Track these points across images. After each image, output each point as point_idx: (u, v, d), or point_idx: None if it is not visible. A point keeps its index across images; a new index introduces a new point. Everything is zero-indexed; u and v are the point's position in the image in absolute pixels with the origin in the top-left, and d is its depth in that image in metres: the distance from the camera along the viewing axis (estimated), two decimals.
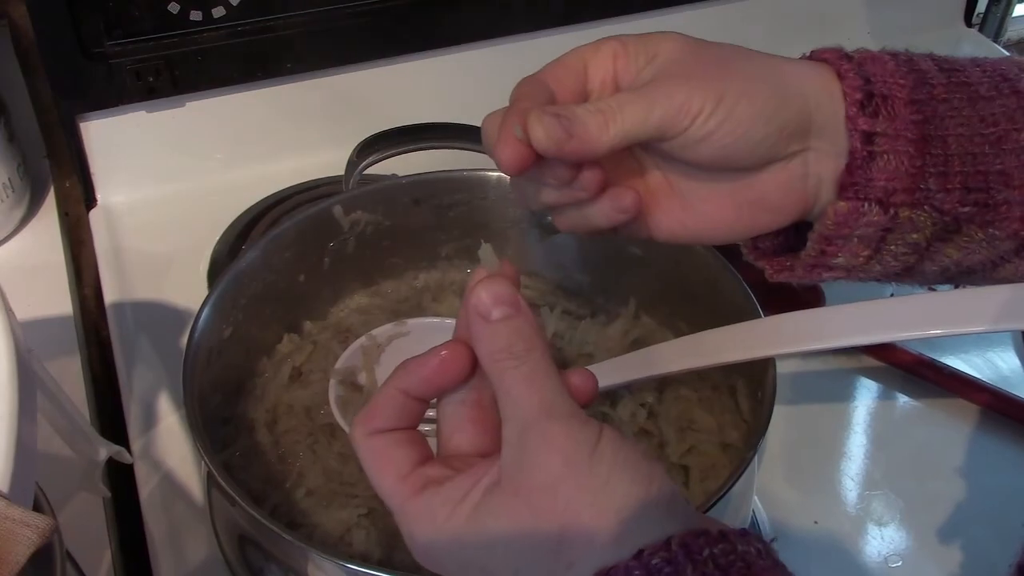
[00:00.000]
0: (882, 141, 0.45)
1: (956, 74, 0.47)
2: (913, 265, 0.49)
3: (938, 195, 0.46)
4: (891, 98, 0.45)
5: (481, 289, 0.38)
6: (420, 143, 0.69)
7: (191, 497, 0.66)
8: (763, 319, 0.56)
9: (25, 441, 0.38)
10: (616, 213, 0.47)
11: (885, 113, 0.45)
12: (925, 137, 0.45)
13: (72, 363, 0.75)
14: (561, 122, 0.43)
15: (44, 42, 0.78)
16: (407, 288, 0.70)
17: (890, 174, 0.45)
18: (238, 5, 0.80)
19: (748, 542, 0.35)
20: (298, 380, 0.64)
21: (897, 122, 0.45)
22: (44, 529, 0.35)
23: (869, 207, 0.46)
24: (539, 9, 0.91)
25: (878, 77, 0.46)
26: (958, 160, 0.46)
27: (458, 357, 0.40)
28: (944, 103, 0.46)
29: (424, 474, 0.39)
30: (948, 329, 0.48)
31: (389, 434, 0.40)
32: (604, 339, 0.66)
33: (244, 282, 0.62)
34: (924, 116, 0.46)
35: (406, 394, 0.40)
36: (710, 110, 0.44)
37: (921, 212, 0.46)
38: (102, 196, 0.87)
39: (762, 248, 0.51)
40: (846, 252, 0.48)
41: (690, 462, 0.59)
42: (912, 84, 0.46)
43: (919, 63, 0.47)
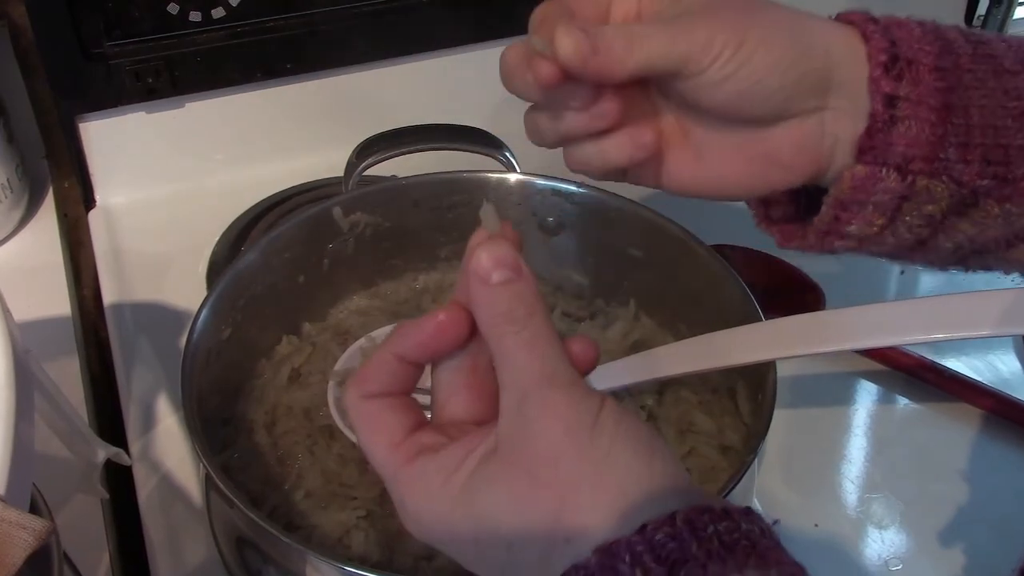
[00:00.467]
0: (904, 106, 0.45)
1: (982, 46, 0.46)
2: (927, 239, 0.48)
3: (957, 166, 0.45)
4: (916, 63, 0.45)
5: (481, 251, 0.37)
6: (420, 144, 0.68)
7: (189, 499, 0.65)
8: (765, 322, 0.55)
9: (22, 443, 0.38)
10: (634, 149, 0.47)
11: (909, 78, 0.45)
12: (948, 105, 0.45)
13: (71, 364, 0.74)
14: (589, 37, 0.43)
15: (44, 42, 0.77)
16: (406, 290, 0.70)
17: (910, 140, 0.45)
18: (238, 6, 0.80)
19: (752, 521, 0.34)
20: (297, 382, 0.64)
21: (921, 88, 0.45)
22: (41, 531, 0.35)
23: (887, 173, 0.45)
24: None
25: (904, 41, 0.45)
26: (979, 132, 0.45)
27: (455, 321, 0.39)
28: (969, 73, 0.45)
29: (418, 441, 0.38)
30: (952, 333, 0.48)
31: (383, 399, 0.39)
32: (604, 341, 0.66)
33: (243, 283, 0.62)
34: (948, 84, 0.45)
35: (401, 358, 0.39)
36: (730, 53, 0.43)
37: (939, 182, 0.45)
38: (101, 197, 0.87)
39: (773, 216, 0.51)
40: (860, 220, 0.47)
41: (690, 464, 0.59)
42: (938, 51, 0.45)
43: (946, 32, 0.47)
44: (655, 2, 0.46)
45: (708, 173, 0.48)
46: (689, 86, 0.45)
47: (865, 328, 0.50)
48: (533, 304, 0.37)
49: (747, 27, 0.44)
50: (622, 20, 0.47)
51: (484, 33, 0.90)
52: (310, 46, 0.85)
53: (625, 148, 0.47)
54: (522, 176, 0.67)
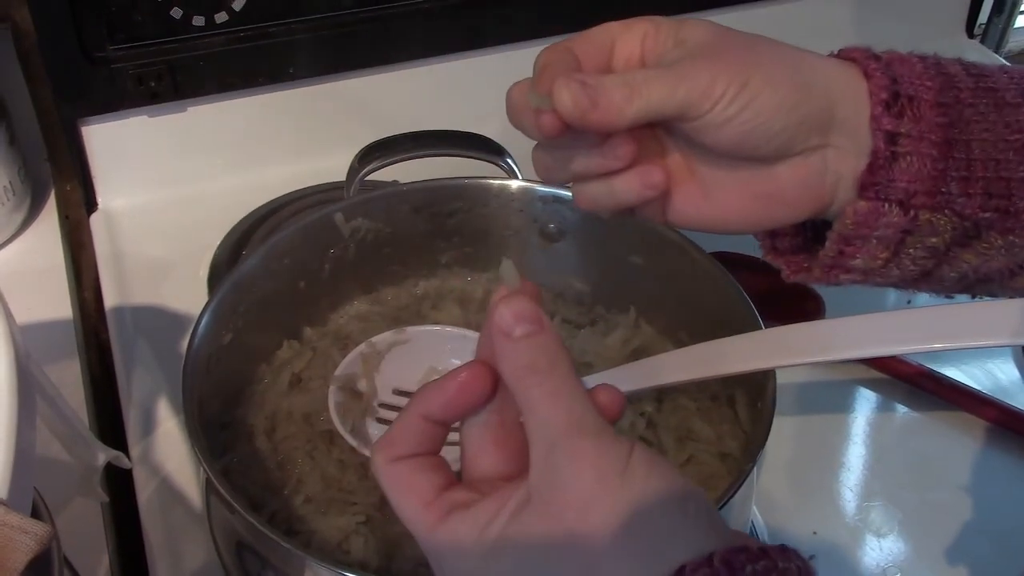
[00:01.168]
0: (905, 142, 0.45)
1: (983, 79, 0.47)
2: (931, 270, 0.48)
3: (959, 199, 0.46)
4: (917, 99, 0.45)
5: (503, 306, 0.38)
6: (421, 150, 0.68)
7: (189, 503, 0.65)
8: (765, 331, 0.55)
9: (24, 448, 0.38)
10: (644, 188, 0.47)
11: (910, 114, 0.45)
12: (949, 140, 0.45)
13: (71, 367, 0.75)
14: (586, 90, 0.43)
15: (46, 46, 0.78)
16: (407, 295, 0.70)
17: (912, 175, 0.45)
18: (240, 11, 0.80)
19: (788, 558, 0.34)
20: (297, 387, 0.64)
21: (922, 124, 0.45)
22: (43, 536, 0.35)
23: (889, 208, 0.46)
24: (541, 17, 0.91)
25: (905, 78, 0.46)
26: (981, 165, 0.46)
27: (478, 378, 0.39)
28: (970, 107, 0.46)
29: (449, 498, 0.38)
30: (952, 343, 0.48)
31: (411, 460, 0.39)
32: (604, 348, 0.66)
33: (244, 288, 0.62)
34: (949, 119, 0.45)
35: (427, 419, 0.39)
36: (733, 94, 0.44)
37: (941, 216, 0.46)
38: (103, 200, 0.87)
39: (780, 248, 0.51)
40: (864, 253, 0.48)
41: (689, 471, 0.59)
42: (939, 86, 0.46)
43: (947, 66, 0.47)
44: (658, 43, 0.47)
45: (714, 210, 0.49)
46: (692, 128, 0.45)
47: (866, 337, 0.50)
48: (556, 355, 0.37)
49: (749, 69, 0.44)
50: (625, 63, 0.47)
51: (485, 40, 0.91)
52: (312, 51, 0.85)
53: (635, 188, 0.47)
54: (524, 183, 0.67)
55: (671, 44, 0.46)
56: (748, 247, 0.73)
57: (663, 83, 0.44)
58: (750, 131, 0.45)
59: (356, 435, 0.59)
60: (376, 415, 0.61)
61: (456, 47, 0.90)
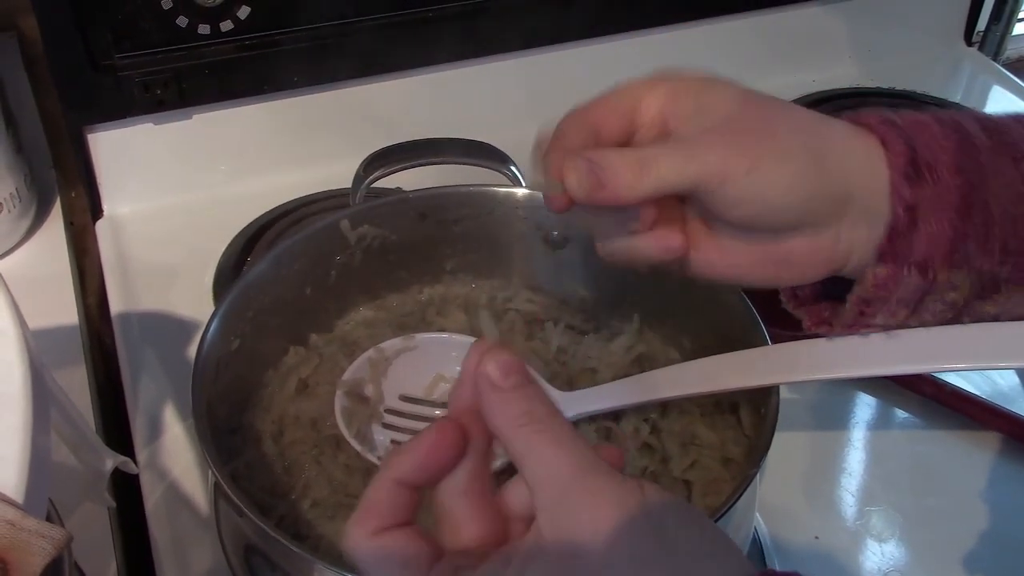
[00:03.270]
0: (925, 210, 0.46)
1: (1001, 135, 0.47)
2: (951, 320, 0.49)
3: (978, 257, 0.46)
4: (936, 165, 0.46)
5: (489, 360, 0.37)
6: (427, 158, 0.69)
7: (196, 507, 0.66)
8: (770, 347, 0.56)
9: (39, 453, 0.38)
10: (663, 252, 0.48)
11: (930, 181, 0.46)
12: (968, 203, 0.46)
13: (77, 372, 0.75)
14: (594, 170, 0.44)
15: (53, 54, 0.78)
16: (412, 302, 0.70)
17: (931, 241, 0.46)
18: (246, 19, 0.81)
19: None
20: (304, 392, 0.64)
21: (941, 189, 0.46)
22: (59, 540, 0.35)
23: (908, 271, 0.47)
24: (546, 26, 0.92)
25: (923, 144, 0.46)
26: (999, 222, 0.46)
27: (446, 435, 0.38)
28: (989, 167, 0.46)
29: (450, 563, 0.37)
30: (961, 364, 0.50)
31: (397, 531, 0.37)
32: (607, 354, 0.66)
33: (252, 295, 0.62)
34: (968, 181, 0.46)
35: (401, 484, 0.37)
36: (743, 176, 0.45)
37: (959, 272, 0.47)
38: (108, 207, 0.88)
39: (801, 297, 0.52)
40: (884, 313, 0.48)
41: (692, 477, 0.60)
42: (957, 147, 0.46)
43: (964, 124, 0.48)
44: (679, 107, 0.47)
45: (730, 268, 0.49)
46: (704, 201, 0.46)
47: (873, 356, 0.51)
48: (550, 405, 0.37)
49: (763, 148, 0.45)
50: (647, 125, 0.48)
51: (491, 48, 0.91)
52: (317, 59, 0.85)
53: (654, 250, 0.48)
54: (528, 190, 0.68)
55: (692, 110, 0.46)
56: None
57: (673, 162, 0.45)
58: (759, 212, 0.46)
59: (362, 440, 0.60)
60: (382, 420, 0.62)
61: (461, 55, 0.90)
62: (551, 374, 0.65)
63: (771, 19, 1.02)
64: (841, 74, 1.07)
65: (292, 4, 0.82)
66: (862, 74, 1.09)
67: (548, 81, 0.95)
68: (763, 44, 1.01)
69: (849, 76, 1.08)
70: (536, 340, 0.68)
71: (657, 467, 0.60)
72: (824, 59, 1.08)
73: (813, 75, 1.04)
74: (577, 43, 0.93)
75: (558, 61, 0.94)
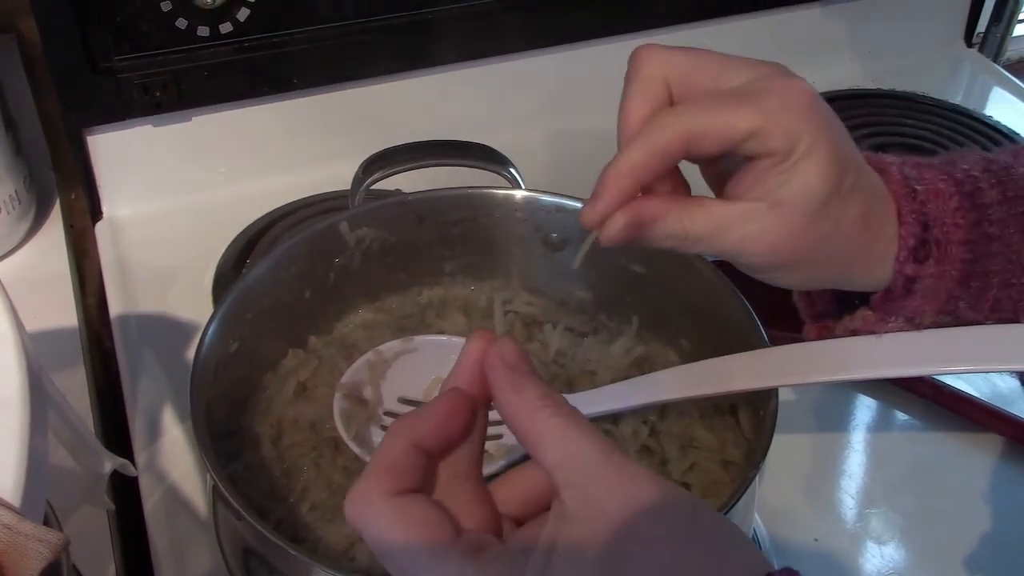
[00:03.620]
0: (926, 280, 0.48)
1: (1018, 202, 0.48)
2: None
3: (966, 312, 0.48)
4: (945, 241, 0.47)
5: (503, 343, 0.37)
6: (426, 160, 0.69)
7: (195, 509, 0.66)
8: (771, 349, 0.56)
9: (37, 457, 0.38)
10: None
11: (935, 256, 0.47)
12: (969, 274, 0.47)
13: (77, 374, 0.75)
14: (634, 235, 0.46)
15: (52, 56, 0.78)
16: (411, 304, 0.70)
17: (924, 304, 0.48)
18: (245, 21, 0.81)
19: None
20: (303, 395, 0.64)
21: (945, 264, 0.47)
22: (56, 544, 0.35)
23: (895, 319, 0.49)
24: (545, 28, 0.92)
25: (937, 221, 0.47)
26: (995, 289, 0.48)
27: (463, 402, 0.37)
28: (997, 240, 0.47)
29: (471, 537, 0.35)
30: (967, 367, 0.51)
31: (416, 495, 0.35)
32: (607, 357, 0.66)
33: (251, 297, 0.62)
34: (974, 255, 0.47)
35: (418, 447, 0.36)
36: (761, 274, 0.49)
37: (945, 318, 0.49)
38: (108, 209, 0.88)
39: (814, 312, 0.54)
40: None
41: (692, 479, 0.60)
42: (970, 223, 0.47)
43: (984, 194, 0.48)
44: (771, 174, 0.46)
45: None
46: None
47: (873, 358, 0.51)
48: (561, 395, 0.36)
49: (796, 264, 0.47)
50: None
51: (490, 49, 0.91)
52: (316, 61, 0.85)
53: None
54: (527, 192, 0.68)
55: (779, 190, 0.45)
56: None
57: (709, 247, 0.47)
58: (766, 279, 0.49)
59: (360, 443, 0.60)
60: (381, 423, 0.62)
61: (461, 58, 0.90)
62: (550, 376, 0.65)
63: (771, 20, 1.02)
64: (842, 75, 1.08)
65: (291, 6, 0.82)
66: (862, 75, 1.09)
67: (549, 83, 0.95)
68: (763, 45, 1.01)
69: (850, 77, 1.08)
70: (535, 342, 0.68)
71: (656, 470, 0.60)
72: (824, 60, 1.08)
73: (813, 76, 1.02)
74: (578, 44, 0.93)
75: (559, 63, 0.94)
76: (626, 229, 0.45)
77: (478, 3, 0.87)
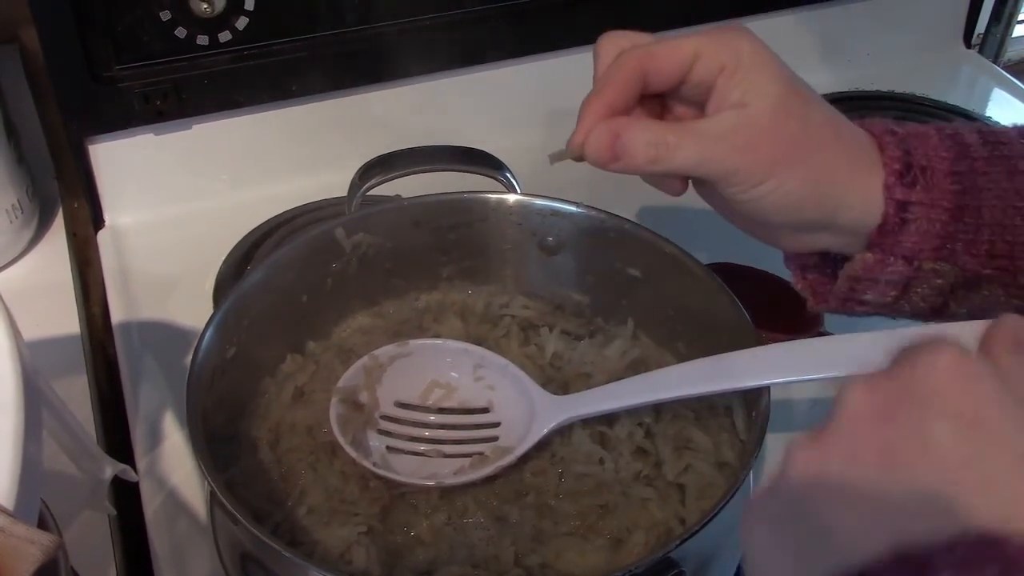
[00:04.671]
0: (917, 210, 0.49)
1: (999, 147, 0.50)
2: (940, 307, 0.52)
3: (962, 256, 0.49)
4: (931, 169, 0.49)
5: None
6: (422, 165, 0.69)
7: (196, 515, 0.66)
8: (769, 346, 0.56)
9: (30, 461, 0.39)
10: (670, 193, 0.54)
11: (923, 183, 0.49)
12: (960, 207, 0.48)
13: (79, 381, 0.75)
14: (614, 145, 0.49)
15: (54, 65, 0.79)
16: (408, 309, 0.71)
17: (920, 238, 0.49)
18: (244, 29, 0.82)
19: None
20: (300, 399, 0.65)
21: (935, 192, 0.49)
22: (48, 546, 0.36)
23: (895, 260, 0.50)
24: (539, 34, 0.92)
25: (919, 150, 0.49)
26: (988, 229, 0.49)
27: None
28: (983, 175, 0.49)
29: None
30: None
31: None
32: (602, 359, 0.66)
33: (247, 303, 0.63)
34: (963, 187, 0.49)
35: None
36: (746, 189, 0.49)
37: (944, 264, 0.49)
38: (110, 217, 0.88)
39: (808, 279, 0.56)
40: (874, 292, 0.52)
41: (686, 481, 0.60)
42: (954, 156, 0.49)
43: (964, 135, 0.50)
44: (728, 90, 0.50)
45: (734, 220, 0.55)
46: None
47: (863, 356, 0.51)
48: None
49: (776, 169, 0.49)
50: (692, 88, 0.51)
51: (485, 56, 0.92)
52: (314, 68, 0.86)
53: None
54: (522, 196, 0.68)
55: (737, 96, 0.50)
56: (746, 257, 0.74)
57: (689, 156, 0.49)
58: (753, 215, 0.51)
59: (357, 447, 0.60)
60: (377, 427, 0.62)
61: (456, 64, 0.91)
62: (546, 379, 0.65)
63: (770, 23, 1.02)
64: (841, 77, 1.08)
65: (290, 14, 0.83)
66: (862, 77, 1.09)
67: (544, 88, 0.95)
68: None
69: (849, 79, 1.08)
70: (531, 345, 0.68)
71: (651, 471, 0.61)
72: (824, 62, 1.08)
73: (814, 78, 1.02)
74: (573, 50, 0.93)
75: (554, 68, 0.94)
76: (606, 135, 0.49)
77: (474, 10, 0.87)
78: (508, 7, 0.89)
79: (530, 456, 0.60)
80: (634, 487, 0.60)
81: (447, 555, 0.56)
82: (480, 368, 0.64)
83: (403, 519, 0.58)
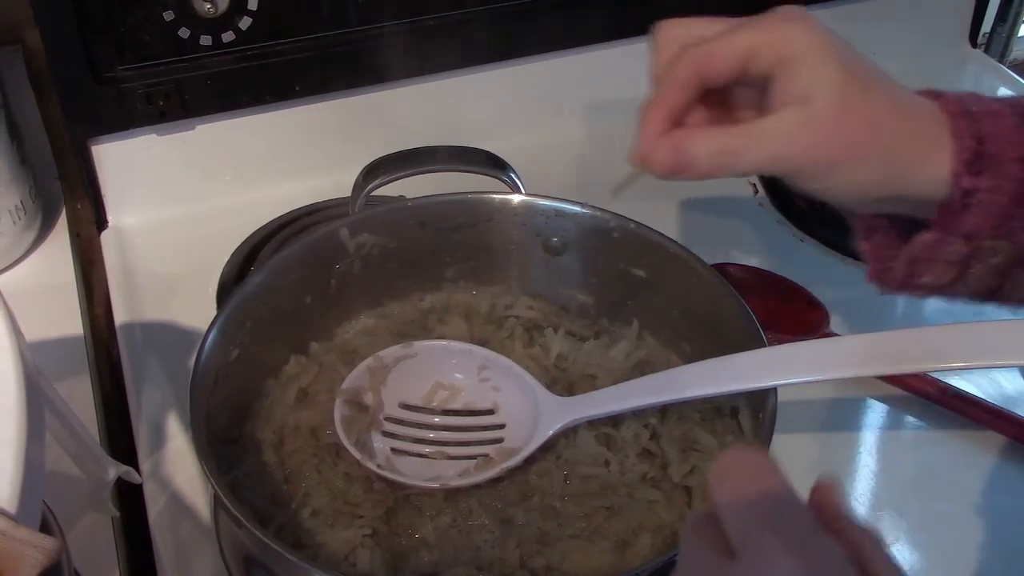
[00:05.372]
0: (981, 195, 0.49)
1: None
2: (996, 288, 0.52)
3: (1020, 234, 0.49)
4: (1000, 157, 0.48)
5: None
6: (426, 166, 0.69)
7: (199, 517, 0.66)
8: (777, 347, 0.56)
9: (33, 463, 0.39)
10: None
11: (991, 171, 0.48)
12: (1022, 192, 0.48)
13: (82, 383, 0.75)
14: (678, 158, 0.49)
15: (56, 67, 0.79)
16: (413, 310, 0.71)
17: (981, 220, 0.49)
18: (247, 30, 0.81)
19: None
20: (304, 401, 0.64)
21: (1001, 179, 0.48)
22: (51, 550, 0.36)
23: (954, 239, 0.50)
24: (544, 34, 0.92)
25: (992, 137, 0.49)
26: None
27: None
28: None
29: None
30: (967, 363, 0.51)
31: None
32: (608, 360, 0.66)
33: (251, 304, 0.62)
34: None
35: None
36: (814, 181, 0.50)
37: (1001, 241, 0.50)
38: (113, 218, 0.88)
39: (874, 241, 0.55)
40: (931, 274, 0.52)
41: (692, 483, 0.60)
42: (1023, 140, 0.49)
43: None
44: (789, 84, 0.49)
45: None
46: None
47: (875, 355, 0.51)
48: None
49: (843, 163, 0.49)
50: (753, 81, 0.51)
51: (490, 56, 0.91)
52: (318, 69, 0.86)
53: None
54: (526, 197, 0.68)
55: (798, 89, 0.49)
56: (752, 259, 0.74)
57: (755, 159, 0.49)
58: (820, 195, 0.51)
59: (361, 448, 0.60)
60: (382, 428, 0.62)
61: (460, 63, 0.91)
62: (551, 380, 0.65)
63: None
64: None
65: (293, 14, 0.83)
66: None
67: (548, 88, 0.95)
68: None
69: None
70: (536, 346, 0.68)
71: (657, 473, 0.60)
72: None
73: None
74: (578, 49, 0.93)
75: (559, 68, 0.94)
76: (670, 151, 0.49)
77: (478, 10, 0.87)
78: (510, 7, 0.89)
79: (535, 458, 0.60)
80: (640, 489, 0.59)
81: (452, 557, 0.56)
82: (485, 369, 0.64)
83: (408, 521, 0.58)
